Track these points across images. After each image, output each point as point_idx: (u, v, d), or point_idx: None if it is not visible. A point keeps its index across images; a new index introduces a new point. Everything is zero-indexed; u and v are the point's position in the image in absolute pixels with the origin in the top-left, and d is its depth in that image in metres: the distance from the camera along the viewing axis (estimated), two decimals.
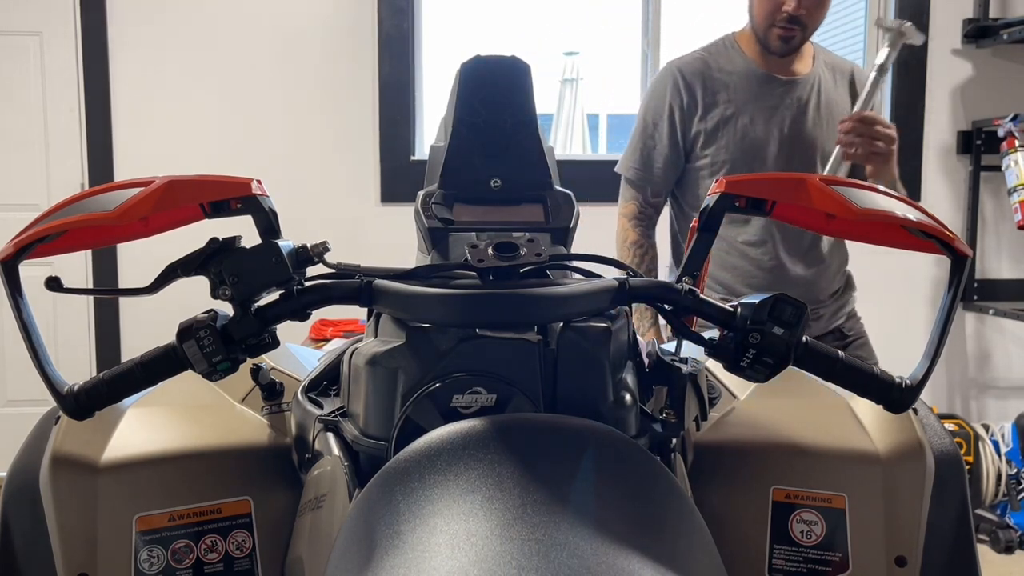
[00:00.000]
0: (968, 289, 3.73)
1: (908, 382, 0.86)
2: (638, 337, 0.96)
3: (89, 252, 3.47)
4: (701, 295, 0.86)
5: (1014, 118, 3.35)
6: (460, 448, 0.71)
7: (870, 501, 0.97)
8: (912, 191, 3.67)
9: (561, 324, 0.86)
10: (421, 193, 1.00)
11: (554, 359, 0.84)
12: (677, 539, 0.71)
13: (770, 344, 0.82)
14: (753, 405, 1.07)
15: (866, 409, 1.02)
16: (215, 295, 0.84)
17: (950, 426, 3.42)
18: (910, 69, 3.71)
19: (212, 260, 0.83)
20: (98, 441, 0.96)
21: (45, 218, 0.86)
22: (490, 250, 0.86)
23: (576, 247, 1.01)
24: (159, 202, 0.84)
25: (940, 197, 3.77)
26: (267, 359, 1.10)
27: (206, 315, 0.83)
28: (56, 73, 3.48)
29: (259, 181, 0.88)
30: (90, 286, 3.59)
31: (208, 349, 0.82)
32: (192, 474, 0.96)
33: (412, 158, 3.57)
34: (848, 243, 2.30)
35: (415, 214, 1.00)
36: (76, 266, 3.48)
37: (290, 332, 1.01)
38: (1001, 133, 3.37)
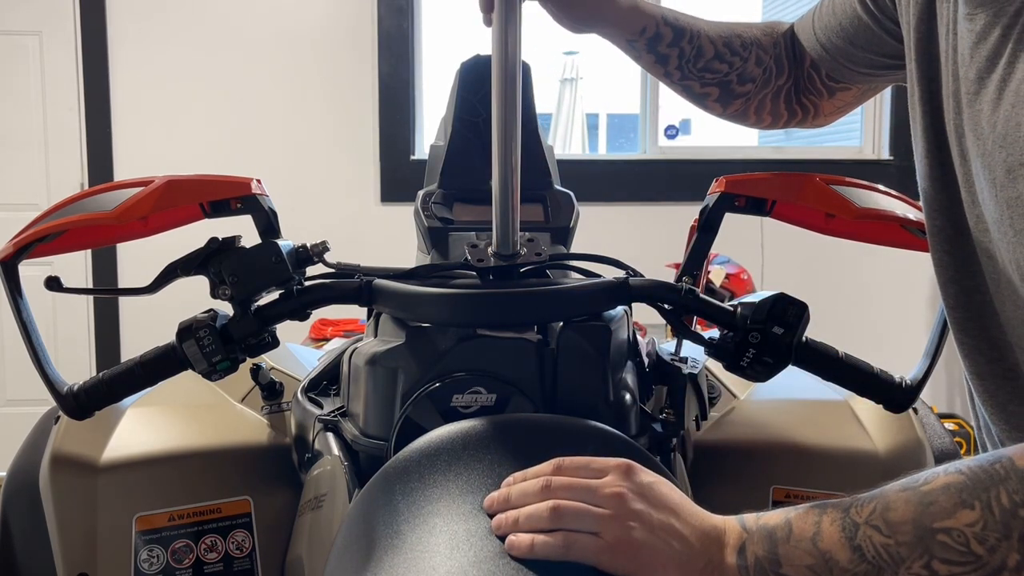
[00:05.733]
0: None
1: (908, 382, 0.86)
2: (638, 337, 0.96)
3: (89, 252, 3.47)
4: (701, 295, 0.86)
5: None
6: (460, 448, 0.71)
7: None
8: (912, 191, 3.67)
9: (561, 323, 0.86)
10: (421, 193, 1.00)
11: (554, 359, 0.84)
12: None
13: (770, 344, 0.82)
14: (753, 405, 1.07)
15: (866, 409, 1.02)
16: (215, 295, 0.84)
17: (950, 426, 3.41)
18: None
19: (212, 260, 0.83)
20: (98, 441, 0.96)
21: (45, 218, 0.86)
22: (490, 249, 0.86)
23: (576, 247, 1.00)
24: (159, 202, 0.84)
25: None
26: (267, 359, 1.10)
27: (206, 315, 0.83)
28: (56, 73, 3.48)
29: (259, 181, 0.88)
30: (90, 286, 3.59)
31: (208, 349, 0.82)
32: (192, 474, 0.96)
33: (412, 158, 3.56)
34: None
35: (415, 214, 1.00)
36: (76, 266, 3.47)
37: (290, 332, 1.01)
38: None
